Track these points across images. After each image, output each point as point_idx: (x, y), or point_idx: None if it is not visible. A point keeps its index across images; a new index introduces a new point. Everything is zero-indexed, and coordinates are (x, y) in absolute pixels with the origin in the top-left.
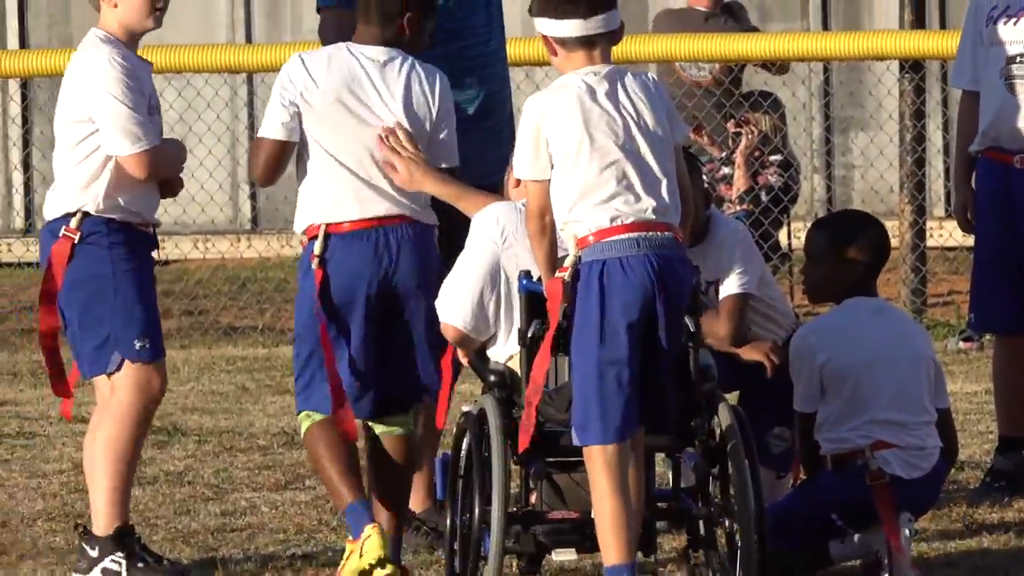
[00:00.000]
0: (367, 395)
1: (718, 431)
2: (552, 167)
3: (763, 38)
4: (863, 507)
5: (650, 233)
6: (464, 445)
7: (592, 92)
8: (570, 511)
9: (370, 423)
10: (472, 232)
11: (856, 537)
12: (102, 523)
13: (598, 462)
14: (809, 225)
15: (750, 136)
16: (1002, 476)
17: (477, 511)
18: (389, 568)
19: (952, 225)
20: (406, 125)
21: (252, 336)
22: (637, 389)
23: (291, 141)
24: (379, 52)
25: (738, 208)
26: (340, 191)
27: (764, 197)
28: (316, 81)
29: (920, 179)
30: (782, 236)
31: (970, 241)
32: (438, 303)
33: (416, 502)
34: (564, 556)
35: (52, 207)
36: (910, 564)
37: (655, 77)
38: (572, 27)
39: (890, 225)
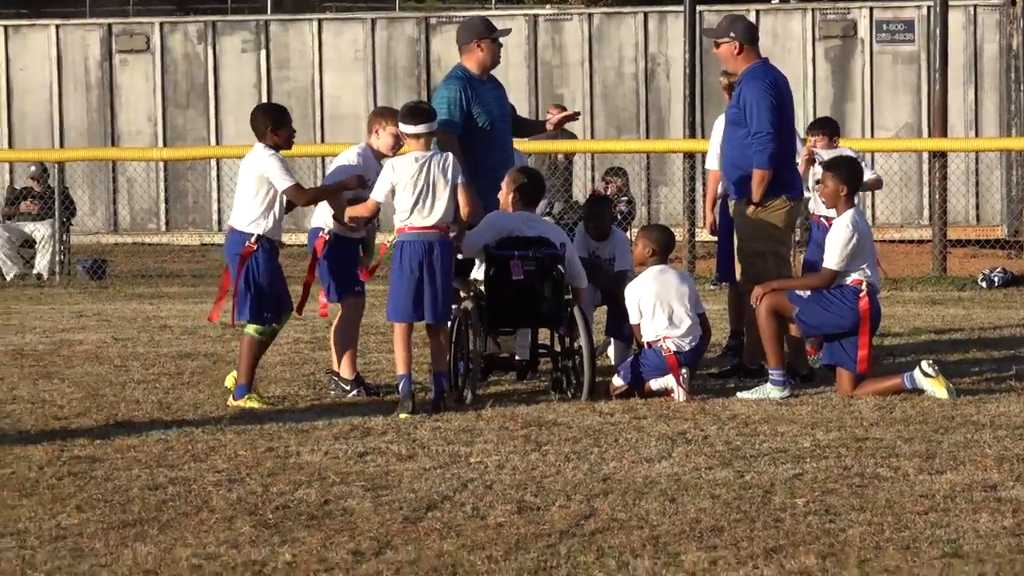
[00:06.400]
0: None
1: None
2: (392, 195)
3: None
4: (664, 365)
5: (421, 231)
6: (457, 324)
7: (417, 160)
8: (500, 352)
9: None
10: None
11: (662, 379)
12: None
13: (396, 331)
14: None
15: (613, 187)
16: None
17: (464, 352)
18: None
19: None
20: None
21: None
22: (411, 297)
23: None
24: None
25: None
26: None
27: (619, 217)
28: None
29: (693, 208)
30: (628, 236)
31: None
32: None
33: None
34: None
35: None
36: (686, 393)
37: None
38: (416, 128)
39: (678, 230)
